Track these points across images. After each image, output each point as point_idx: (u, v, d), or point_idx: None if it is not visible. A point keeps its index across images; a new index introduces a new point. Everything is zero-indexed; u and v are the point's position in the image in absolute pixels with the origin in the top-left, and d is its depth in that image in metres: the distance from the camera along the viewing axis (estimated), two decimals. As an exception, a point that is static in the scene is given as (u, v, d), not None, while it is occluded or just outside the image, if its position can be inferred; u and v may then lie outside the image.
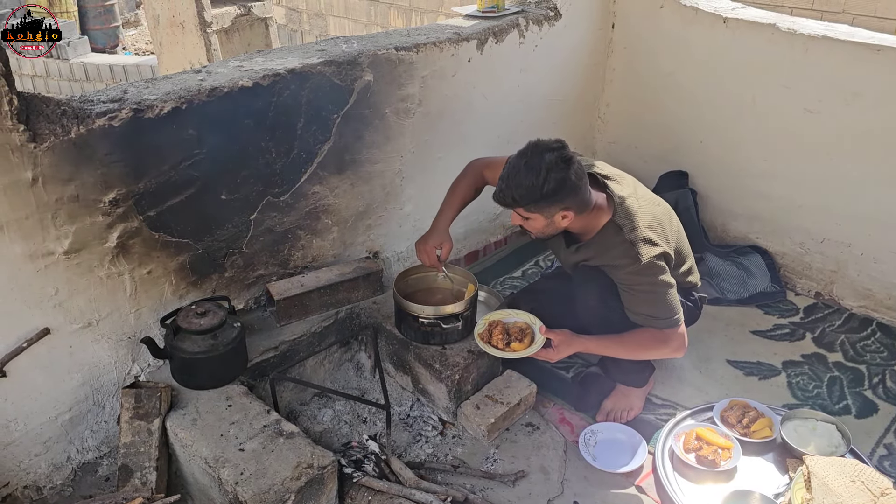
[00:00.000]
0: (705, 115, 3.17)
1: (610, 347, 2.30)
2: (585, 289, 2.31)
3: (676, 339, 2.24)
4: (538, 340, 2.27)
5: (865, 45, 2.65)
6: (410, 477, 2.10)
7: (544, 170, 2.01)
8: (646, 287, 2.17)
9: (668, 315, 2.20)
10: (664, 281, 2.18)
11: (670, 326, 2.22)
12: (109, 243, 2.05)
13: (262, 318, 2.48)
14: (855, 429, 2.35)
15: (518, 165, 2.05)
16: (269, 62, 2.34)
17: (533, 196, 2.04)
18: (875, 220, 2.83)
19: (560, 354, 2.26)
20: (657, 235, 2.20)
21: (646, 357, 2.33)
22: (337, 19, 7.87)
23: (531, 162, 2.04)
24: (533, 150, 2.07)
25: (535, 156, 2.04)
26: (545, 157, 2.03)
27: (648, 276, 2.16)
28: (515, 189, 2.06)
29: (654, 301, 2.19)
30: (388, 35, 2.71)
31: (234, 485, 1.88)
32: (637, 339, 2.25)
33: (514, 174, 2.06)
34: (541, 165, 2.02)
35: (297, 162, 2.41)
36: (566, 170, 2.03)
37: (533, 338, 2.30)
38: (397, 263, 2.92)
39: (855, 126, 2.76)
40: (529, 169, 2.03)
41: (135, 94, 2.06)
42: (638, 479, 2.24)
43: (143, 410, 2.06)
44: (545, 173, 2.01)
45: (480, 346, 2.29)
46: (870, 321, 2.94)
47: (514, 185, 2.05)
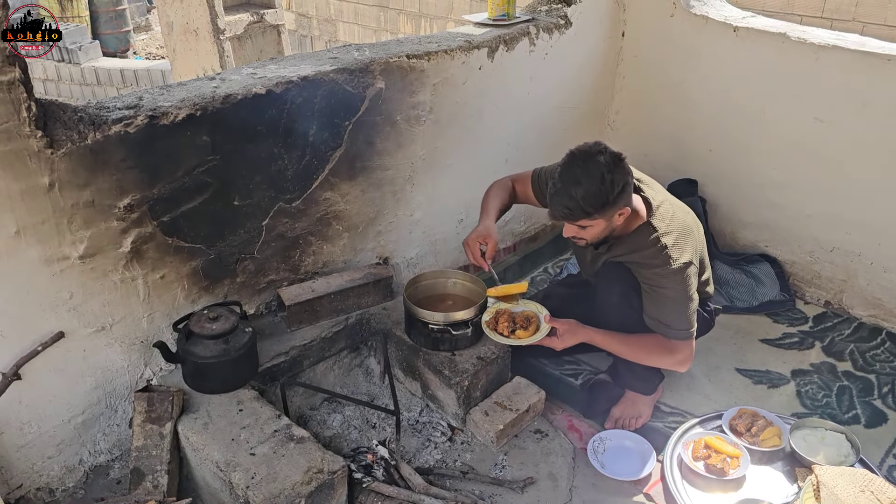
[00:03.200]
0: (715, 124, 3.18)
1: (613, 344, 2.30)
2: (609, 285, 2.30)
3: (683, 351, 2.24)
4: (543, 328, 2.28)
5: (876, 54, 2.66)
6: (419, 483, 2.11)
7: (606, 172, 1.97)
8: (669, 292, 2.18)
9: (683, 327, 2.21)
10: (687, 291, 2.19)
11: (680, 338, 2.22)
12: (124, 248, 2.07)
13: (273, 323, 2.49)
14: (864, 438, 2.35)
15: (574, 176, 2.00)
16: (282, 69, 2.36)
17: (601, 200, 2.00)
18: (885, 229, 2.83)
19: (565, 343, 2.27)
20: (689, 244, 2.22)
21: (647, 362, 2.33)
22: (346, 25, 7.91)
23: (588, 169, 1.99)
24: (582, 157, 2.02)
25: (588, 161, 2.00)
26: (599, 160, 1.99)
27: (675, 282, 2.17)
28: (583, 200, 2.00)
29: (673, 309, 2.19)
30: (399, 43, 2.73)
31: (245, 489, 1.89)
32: (643, 341, 2.26)
33: (574, 185, 2.00)
34: (599, 170, 1.98)
35: (309, 168, 2.43)
36: (623, 168, 2.01)
37: (539, 326, 2.31)
38: (407, 269, 2.93)
39: (865, 135, 2.76)
40: (589, 176, 1.98)
41: (150, 100, 2.08)
42: (647, 486, 2.24)
43: (156, 414, 2.08)
44: (608, 175, 1.98)
45: (486, 332, 2.32)
46: (879, 330, 2.93)
47: (578, 196, 2.00)
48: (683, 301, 2.19)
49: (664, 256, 2.16)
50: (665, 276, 2.16)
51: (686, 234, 2.23)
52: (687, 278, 2.18)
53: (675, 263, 2.15)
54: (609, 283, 2.31)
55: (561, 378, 2.67)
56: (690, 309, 2.20)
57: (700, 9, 3.11)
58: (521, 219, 3.40)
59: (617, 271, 2.26)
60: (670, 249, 2.16)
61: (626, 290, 2.26)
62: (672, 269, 2.15)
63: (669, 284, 2.17)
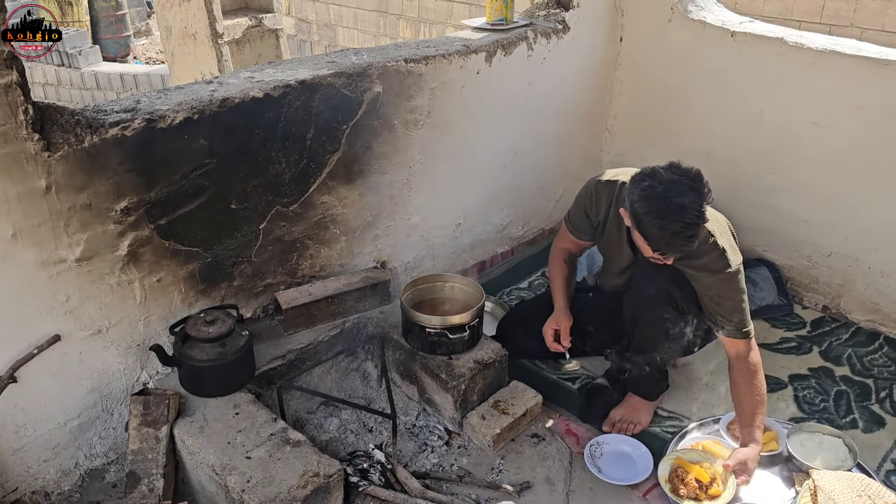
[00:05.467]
0: (712, 129, 3.18)
1: (760, 412, 2.21)
2: (648, 279, 2.28)
3: (756, 348, 2.24)
4: (731, 483, 2.14)
5: (873, 59, 2.66)
6: (416, 486, 2.11)
7: (698, 209, 1.95)
8: (733, 294, 2.18)
9: (749, 324, 2.22)
10: (744, 288, 2.20)
11: (750, 335, 2.22)
12: (120, 251, 2.07)
13: (269, 327, 2.49)
14: (862, 443, 2.35)
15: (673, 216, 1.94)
16: (280, 73, 2.36)
17: (702, 220, 1.99)
18: (883, 234, 2.83)
19: (753, 469, 2.19)
20: (736, 243, 2.23)
21: (763, 383, 2.24)
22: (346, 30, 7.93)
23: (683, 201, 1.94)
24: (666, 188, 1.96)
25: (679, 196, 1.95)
26: (689, 196, 1.95)
27: (736, 282, 2.17)
28: (692, 240, 1.99)
29: (742, 308, 2.19)
30: (397, 47, 2.73)
31: (241, 492, 1.89)
32: (751, 376, 2.20)
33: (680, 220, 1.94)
34: (693, 206, 1.94)
35: (307, 172, 2.43)
36: (703, 192, 1.99)
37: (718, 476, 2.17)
38: (405, 273, 2.93)
39: (862, 140, 2.77)
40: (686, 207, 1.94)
41: (147, 104, 2.09)
42: (643, 491, 2.24)
43: (151, 417, 2.08)
44: (700, 211, 1.96)
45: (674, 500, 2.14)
46: (877, 335, 2.93)
47: (690, 238, 1.98)
48: (747, 299, 2.20)
49: (725, 260, 2.14)
50: (728, 279, 2.16)
51: (730, 231, 2.24)
52: (743, 277, 2.20)
53: (734, 265, 2.15)
54: (647, 279, 2.29)
55: (559, 382, 2.67)
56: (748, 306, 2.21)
57: (698, 14, 3.11)
58: (518, 223, 3.40)
59: (655, 268, 2.21)
60: (728, 252, 2.15)
61: (664, 284, 2.25)
62: (733, 272, 2.15)
63: (733, 287, 2.17)
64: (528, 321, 2.67)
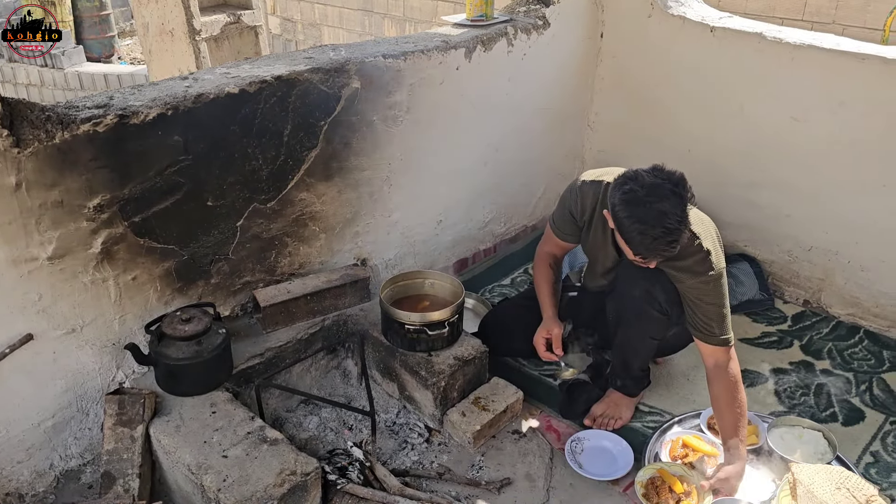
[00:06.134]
0: (693, 124, 3.18)
1: (742, 425, 2.17)
2: (632, 280, 2.26)
3: (735, 357, 2.20)
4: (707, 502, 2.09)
5: (851, 53, 2.67)
6: (395, 484, 2.09)
7: (680, 214, 1.92)
8: (714, 298, 2.15)
9: (729, 331, 2.18)
10: (726, 294, 2.17)
11: (729, 343, 2.18)
12: (94, 249, 2.04)
13: (248, 325, 2.47)
14: (842, 436, 2.36)
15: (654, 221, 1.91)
16: (257, 69, 2.35)
17: (685, 224, 1.96)
18: (862, 228, 2.84)
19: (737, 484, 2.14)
20: (720, 246, 2.20)
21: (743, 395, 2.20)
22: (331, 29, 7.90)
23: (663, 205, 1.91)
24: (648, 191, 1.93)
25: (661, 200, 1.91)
26: (670, 201, 1.91)
27: (718, 286, 2.14)
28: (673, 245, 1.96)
29: (722, 314, 2.16)
30: (376, 43, 2.72)
31: (217, 491, 1.87)
32: (732, 389, 2.17)
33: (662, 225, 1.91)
34: (674, 211, 1.91)
35: (285, 169, 2.41)
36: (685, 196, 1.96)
37: None
38: (386, 271, 2.91)
39: (841, 134, 2.77)
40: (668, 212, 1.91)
41: (120, 100, 2.06)
42: (624, 486, 2.23)
43: (127, 417, 2.05)
44: (682, 216, 1.93)
45: None
46: (857, 329, 2.94)
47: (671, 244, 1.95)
48: (727, 305, 2.17)
49: (708, 263, 2.12)
50: (709, 282, 2.13)
51: (714, 234, 2.21)
52: (725, 282, 2.17)
53: (717, 269, 2.13)
54: (632, 279, 2.27)
55: (539, 378, 2.66)
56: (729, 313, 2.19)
57: (677, 9, 3.11)
58: (500, 220, 3.39)
59: (638, 267, 2.18)
60: (712, 255, 2.12)
61: (648, 285, 2.24)
62: (716, 275, 2.13)
63: (714, 291, 2.14)
64: (511, 319, 2.67)
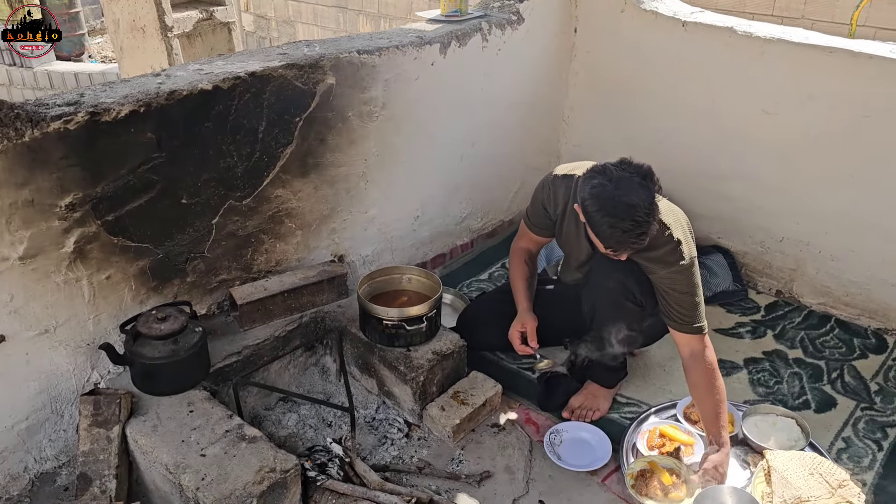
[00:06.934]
0: (666, 118, 3.22)
1: (722, 411, 2.18)
2: (606, 273, 2.28)
3: (710, 345, 2.22)
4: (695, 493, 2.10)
5: (819, 47, 2.71)
6: (375, 479, 2.09)
7: (648, 206, 1.93)
8: (686, 287, 2.17)
9: (703, 319, 2.20)
10: (699, 283, 2.19)
11: (703, 332, 2.20)
12: (66, 248, 2.02)
13: (225, 324, 2.45)
14: (814, 423, 2.40)
15: (623, 214, 1.92)
16: (230, 65, 2.33)
17: (654, 216, 1.98)
18: (831, 218, 2.89)
19: (725, 471, 2.15)
20: (690, 236, 2.22)
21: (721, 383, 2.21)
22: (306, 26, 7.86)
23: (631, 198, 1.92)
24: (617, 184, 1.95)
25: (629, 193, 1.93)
26: (639, 194, 1.93)
27: (690, 275, 2.16)
28: (642, 238, 1.97)
29: (695, 303, 2.18)
30: (350, 39, 2.71)
31: (195, 490, 1.86)
32: (710, 376, 2.19)
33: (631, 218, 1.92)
34: (642, 204, 1.92)
35: (260, 165, 2.40)
36: (653, 188, 1.98)
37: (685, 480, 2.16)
38: (363, 267, 2.91)
39: (811, 127, 2.82)
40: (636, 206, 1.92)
41: (91, 97, 2.04)
42: (602, 476, 2.25)
43: (102, 417, 2.03)
44: (651, 208, 1.94)
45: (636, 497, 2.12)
46: (828, 318, 2.99)
47: (640, 236, 1.96)
48: (700, 293, 2.19)
49: (678, 253, 2.14)
50: (681, 271, 2.15)
51: (685, 224, 2.23)
52: (697, 270, 2.19)
53: (688, 258, 2.14)
54: (606, 272, 2.29)
55: (518, 372, 2.68)
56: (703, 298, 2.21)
57: (650, 4, 3.14)
58: (477, 215, 3.41)
59: (611, 260, 2.19)
60: (682, 244, 2.14)
61: (623, 277, 2.26)
62: (688, 264, 2.15)
63: (685, 280, 2.16)
64: (489, 313, 2.68)
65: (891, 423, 2.45)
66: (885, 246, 2.79)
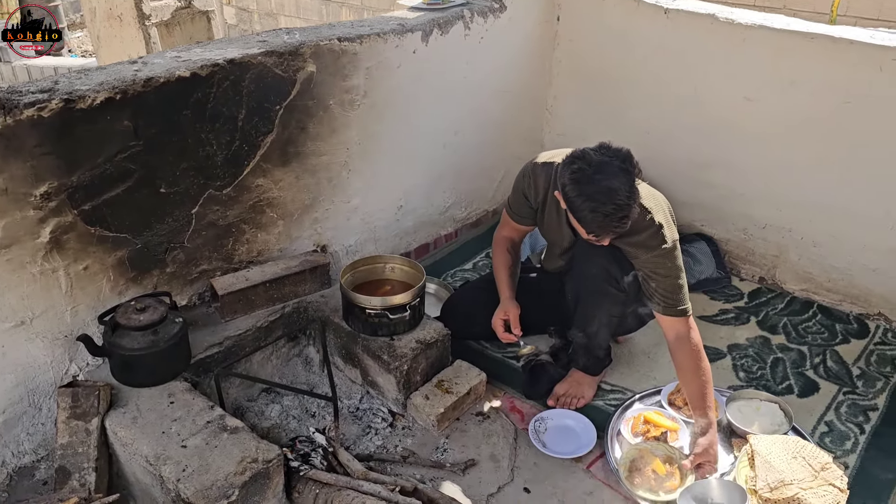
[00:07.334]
0: (650, 106, 3.21)
1: (708, 392, 2.19)
2: (589, 259, 2.27)
3: (695, 326, 2.23)
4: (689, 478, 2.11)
5: (801, 33, 2.72)
6: (358, 468, 2.08)
7: (628, 190, 1.92)
8: (669, 270, 2.17)
9: (687, 302, 2.20)
10: (681, 265, 2.20)
11: (688, 314, 2.20)
12: (42, 238, 1.98)
13: (206, 314, 2.43)
14: (797, 408, 2.41)
15: (603, 198, 1.92)
16: (209, 52, 2.30)
17: (635, 200, 1.97)
18: (814, 204, 2.90)
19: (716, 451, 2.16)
20: (672, 219, 2.22)
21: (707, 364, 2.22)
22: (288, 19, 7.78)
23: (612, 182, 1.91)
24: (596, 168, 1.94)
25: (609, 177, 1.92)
26: (619, 178, 1.92)
27: (672, 258, 2.17)
28: (623, 221, 1.96)
29: (679, 285, 2.18)
30: (331, 27, 2.68)
31: (176, 482, 1.84)
32: (695, 357, 2.19)
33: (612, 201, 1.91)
34: (623, 188, 1.91)
35: (240, 154, 2.37)
36: (633, 172, 1.96)
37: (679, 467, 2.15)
38: (346, 257, 2.89)
39: (793, 113, 2.83)
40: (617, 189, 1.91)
41: (66, 84, 2.00)
42: (587, 463, 2.25)
43: (81, 410, 2.00)
44: (631, 191, 1.93)
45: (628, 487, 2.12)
46: (811, 304, 3.01)
47: (622, 220, 1.95)
48: (683, 275, 2.20)
49: (660, 236, 2.14)
50: (664, 255, 2.15)
51: (666, 208, 2.23)
52: (679, 254, 2.19)
53: (670, 241, 2.15)
54: (589, 258, 2.28)
55: (503, 360, 2.67)
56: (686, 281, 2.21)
57: (632, -8, 3.14)
58: (461, 204, 3.39)
59: (594, 246, 2.18)
60: (664, 228, 2.14)
61: (606, 263, 2.25)
62: (670, 248, 2.15)
63: (669, 263, 2.16)
64: (473, 302, 2.66)
65: (872, 407, 2.47)
66: (866, 231, 2.81)
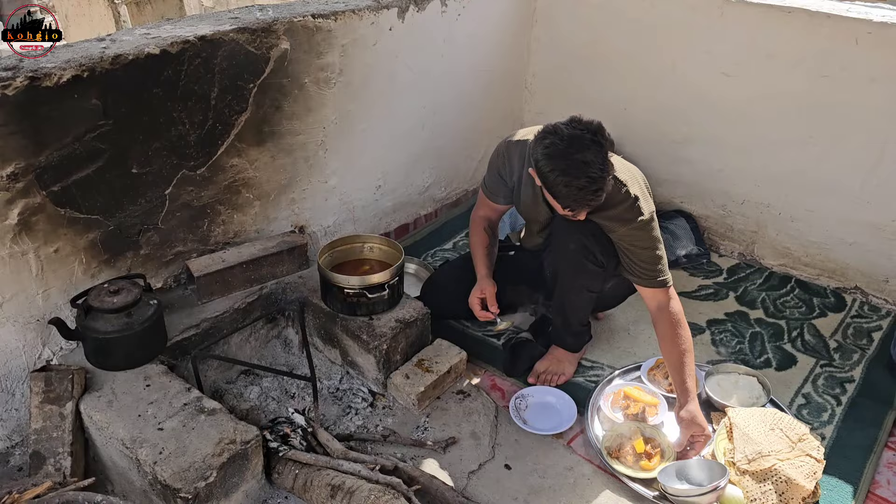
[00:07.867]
0: (628, 83, 3.20)
1: (688, 361, 2.19)
2: (566, 235, 2.26)
3: (675, 296, 2.23)
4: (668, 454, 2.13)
5: (777, 7, 2.72)
6: (338, 448, 2.07)
7: (602, 162, 1.92)
8: (647, 242, 2.17)
9: (666, 272, 2.21)
10: (659, 237, 2.20)
11: (668, 284, 2.21)
12: (10, 220, 1.94)
13: (182, 297, 2.39)
14: (776, 381, 2.43)
15: (579, 166, 1.91)
16: (179, 29, 2.25)
17: (609, 174, 1.97)
18: (791, 180, 2.91)
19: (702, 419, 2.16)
20: (647, 191, 2.22)
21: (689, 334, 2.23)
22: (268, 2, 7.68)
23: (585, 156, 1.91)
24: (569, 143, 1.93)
25: (582, 151, 1.91)
26: (591, 151, 1.91)
27: (649, 230, 2.16)
28: (598, 194, 1.95)
29: (657, 256, 2.19)
30: (305, 3, 2.64)
31: (153, 465, 1.82)
32: (675, 325, 2.20)
33: (585, 174, 1.91)
34: (596, 160, 1.91)
35: (213, 133, 2.33)
36: (605, 144, 1.96)
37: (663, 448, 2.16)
38: (325, 238, 2.86)
39: (770, 88, 2.83)
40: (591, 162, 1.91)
41: (31, 62, 1.95)
42: (568, 439, 2.26)
43: (55, 394, 1.97)
44: (605, 164, 1.93)
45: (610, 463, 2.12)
46: (789, 278, 3.03)
47: (596, 192, 1.94)
48: (662, 246, 2.20)
49: (636, 209, 2.13)
50: (641, 228, 2.15)
51: (641, 180, 2.22)
52: (657, 225, 2.19)
53: (646, 213, 2.14)
54: (566, 234, 2.27)
55: (483, 339, 2.67)
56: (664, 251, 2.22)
57: (610, -32, 3.12)
58: (441, 184, 3.37)
59: (571, 222, 2.18)
60: (639, 201, 2.14)
61: (583, 238, 2.24)
62: (646, 220, 2.14)
63: (646, 235, 2.16)
64: (450, 282, 2.65)
65: (849, 379, 2.50)
66: (841, 205, 2.83)
